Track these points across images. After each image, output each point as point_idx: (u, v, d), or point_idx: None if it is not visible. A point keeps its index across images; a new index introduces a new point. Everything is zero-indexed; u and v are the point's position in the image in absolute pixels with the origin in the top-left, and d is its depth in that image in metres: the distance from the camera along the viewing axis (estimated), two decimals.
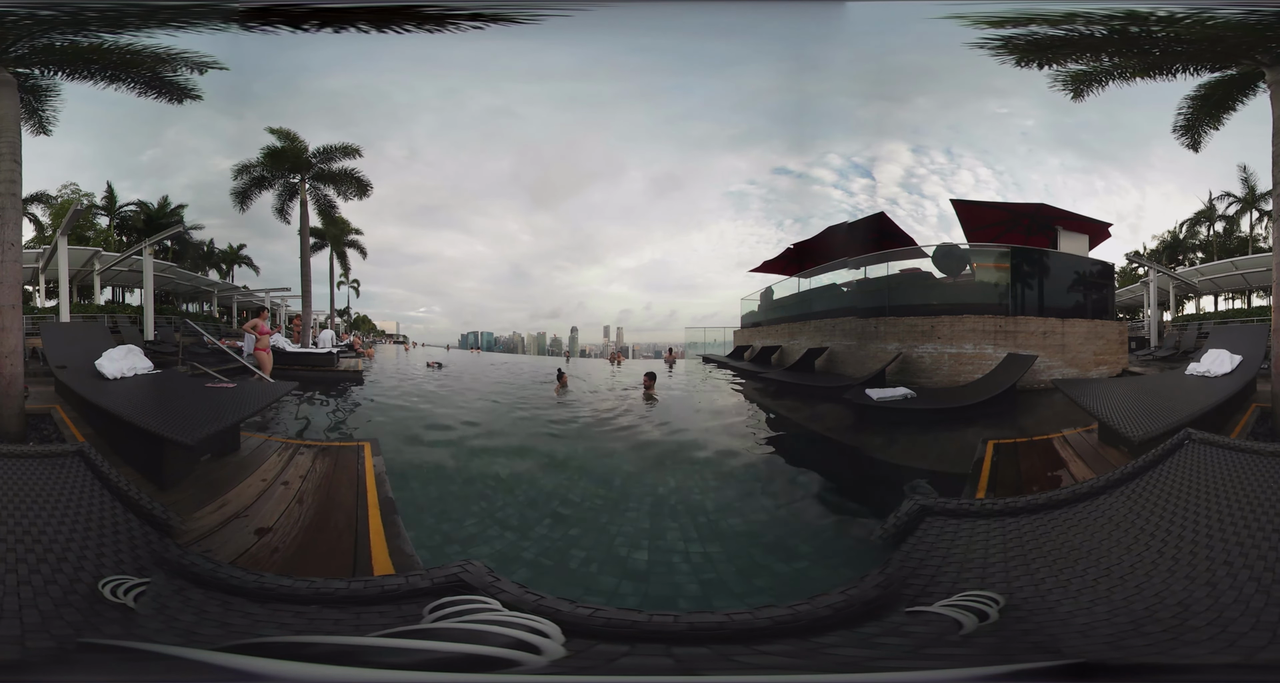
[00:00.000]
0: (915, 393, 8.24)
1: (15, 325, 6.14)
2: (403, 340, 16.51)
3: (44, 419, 6.31)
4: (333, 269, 13.37)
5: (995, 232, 9.63)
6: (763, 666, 2.63)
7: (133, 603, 3.09)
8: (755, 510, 5.74)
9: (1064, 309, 9.05)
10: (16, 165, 6.23)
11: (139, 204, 10.53)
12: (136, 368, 7.38)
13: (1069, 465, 5.86)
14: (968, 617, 2.95)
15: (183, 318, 11.31)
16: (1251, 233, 10.48)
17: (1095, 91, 6.97)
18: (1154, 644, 2.65)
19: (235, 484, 5.26)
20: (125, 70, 6.69)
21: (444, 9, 5.89)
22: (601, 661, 2.54)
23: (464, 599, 2.94)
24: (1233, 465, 4.54)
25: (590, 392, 11.70)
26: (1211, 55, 6.40)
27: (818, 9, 7.06)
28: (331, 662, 1.86)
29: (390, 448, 6.71)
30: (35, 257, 9.23)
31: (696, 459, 7.24)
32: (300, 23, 5.82)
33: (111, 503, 4.22)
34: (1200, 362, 7.32)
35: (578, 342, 17.57)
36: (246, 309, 12.44)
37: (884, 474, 6.53)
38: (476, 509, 5.57)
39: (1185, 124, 7.50)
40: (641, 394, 10.85)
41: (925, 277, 9.68)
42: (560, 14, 6.03)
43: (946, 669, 2.50)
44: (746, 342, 14.12)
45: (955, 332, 8.90)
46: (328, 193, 10.85)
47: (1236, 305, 10.71)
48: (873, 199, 9.39)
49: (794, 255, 11.85)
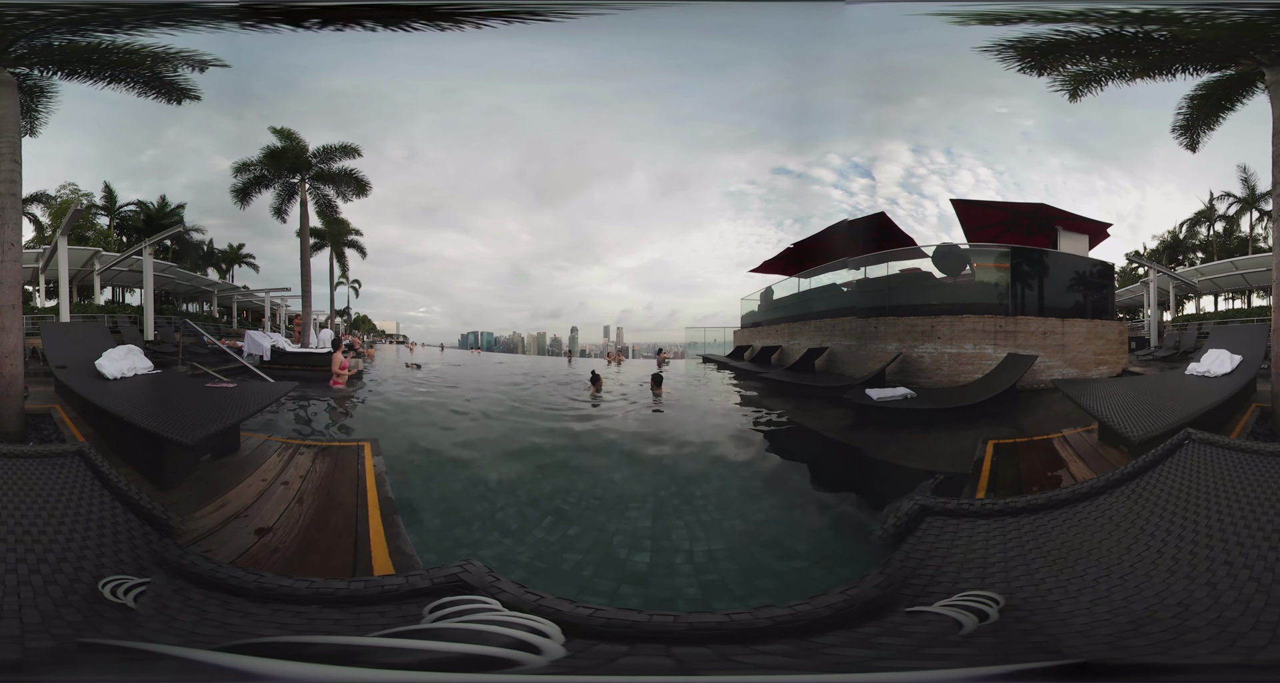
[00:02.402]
0: (915, 393, 8.23)
1: (15, 325, 6.14)
2: (403, 340, 16.51)
3: (44, 419, 6.31)
4: (333, 269, 13.37)
5: (995, 232, 9.63)
6: (763, 666, 2.63)
7: (133, 603, 3.09)
8: (755, 511, 5.74)
9: (1064, 309, 9.05)
10: (16, 165, 6.23)
11: (139, 204, 10.53)
12: (136, 368, 7.38)
13: (1069, 465, 5.86)
14: (968, 617, 2.95)
15: (183, 318, 11.31)
16: (1251, 233, 10.49)
17: (1095, 92, 6.97)
18: (1154, 644, 2.65)
19: (235, 484, 5.26)
20: (124, 70, 6.69)
21: (446, 7, 5.89)
22: (601, 661, 2.54)
23: (464, 599, 2.94)
24: (1233, 465, 4.54)
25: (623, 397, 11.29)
26: (1211, 55, 6.40)
27: (818, 9, 7.06)
28: (331, 662, 1.87)
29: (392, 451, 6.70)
30: (35, 257, 9.23)
31: (697, 459, 7.24)
32: (301, 20, 5.81)
33: (111, 503, 4.22)
34: (1200, 362, 7.32)
35: (578, 342, 17.58)
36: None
37: (884, 474, 6.52)
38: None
39: (1185, 124, 7.50)
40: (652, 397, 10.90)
41: (925, 277, 9.68)
42: (560, 14, 6.03)
43: (946, 669, 2.50)
44: (746, 342, 14.12)
45: (955, 332, 8.90)
46: (327, 193, 10.85)
47: (1236, 305, 10.71)
48: (873, 199, 9.39)
49: (794, 255, 11.85)
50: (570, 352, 17.47)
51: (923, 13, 6.29)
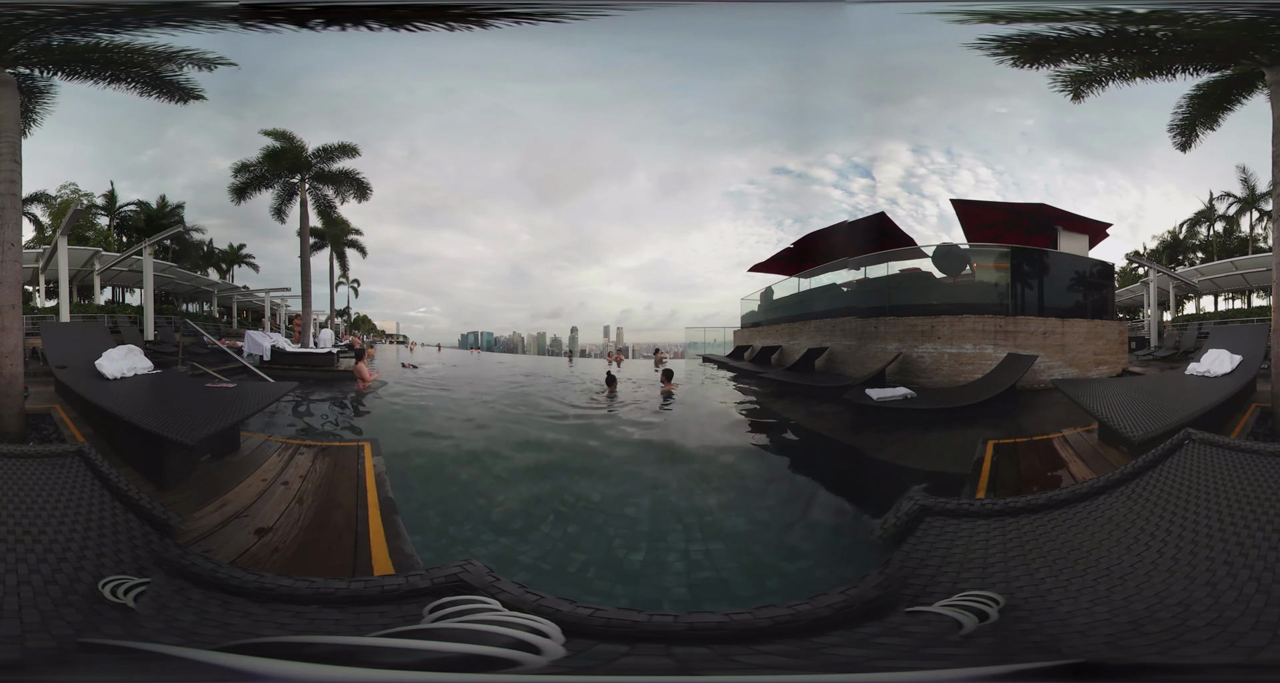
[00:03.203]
0: (915, 393, 8.23)
1: (15, 325, 6.14)
2: (403, 340, 16.50)
3: (44, 419, 6.31)
4: (332, 269, 13.38)
5: (995, 232, 9.63)
6: (763, 666, 2.63)
7: (133, 603, 3.08)
8: (755, 511, 5.74)
9: (1064, 309, 9.04)
10: (16, 165, 6.23)
11: (139, 204, 10.53)
12: (136, 368, 7.38)
13: (1069, 465, 5.86)
14: (968, 617, 2.95)
15: (183, 318, 11.31)
16: (1251, 233, 10.48)
17: (1095, 91, 6.97)
18: (1154, 644, 2.65)
19: (235, 484, 5.26)
20: (125, 70, 6.69)
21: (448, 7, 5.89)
22: (601, 661, 2.54)
23: (464, 599, 2.94)
24: (1233, 465, 4.54)
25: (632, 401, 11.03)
26: (1211, 55, 6.40)
27: (818, 9, 7.06)
28: (331, 662, 1.87)
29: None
30: (35, 257, 9.22)
31: (697, 460, 7.24)
32: (305, 20, 5.81)
33: (111, 503, 4.22)
34: (1200, 362, 7.32)
35: (578, 342, 17.57)
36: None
37: (884, 474, 6.52)
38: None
39: (1184, 124, 7.49)
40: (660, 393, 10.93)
41: (925, 277, 9.68)
42: (561, 14, 6.03)
43: (946, 669, 2.50)
44: (746, 342, 14.12)
45: (955, 332, 8.90)
46: (327, 193, 10.86)
47: (1236, 305, 10.71)
48: (873, 199, 9.38)
49: (794, 255, 11.85)
50: (570, 352, 17.46)
51: (923, 13, 6.29)
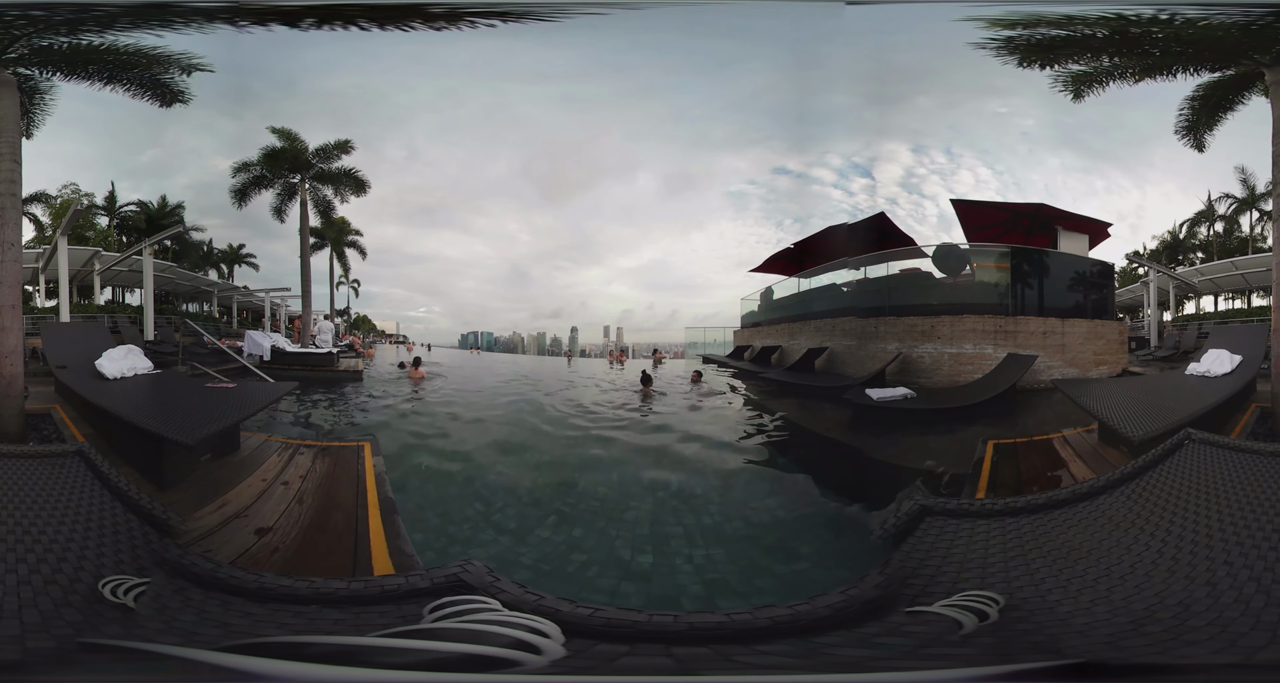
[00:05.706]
0: (915, 393, 8.23)
1: (15, 325, 6.14)
2: (403, 340, 16.51)
3: (44, 419, 6.31)
4: (332, 269, 13.40)
5: (995, 232, 9.63)
6: (763, 666, 2.63)
7: (133, 603, 3.08)
8: (756, 511, 5.74)
9: (1064, 309, 9.05)
10: (16, 165, 6.23)
11: (139, 204, 10.54)
12: (136, 368, 7.38)
13: (1069, 465, 5.86)
14: (968, 617, 2.95)
15: (183, 318, 11.32)
16: (1251, 233, 10.49)
17: (1095, 92, 6.97)
18: (1154, 644, 2.65)
19: (235, 484, 5.25)
20: (122, 71, 6.69)
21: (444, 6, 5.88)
22: (601, 661, 2.54)
23: (464, 599, 2.94)
24: (1233, 465, 4.54)
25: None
26: (1211, 56, 6.40)
27: (818, 9, 7.06)
28: (331, 662, 1.86)
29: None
30: (35, 257, 9.23)
31: (698, 459, 7.23)
32: (295, 20, 5.79)
33: (111, 503, 4.21)
34: (1200, 362, 7.32)
35: (578, 342, 17.58)
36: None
37: (884, 474, 6.52)
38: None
39: (1185, 125, 7.50)
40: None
41: (925, 277, 9.68)
42: (559, 14, 6.03)
43: (946, 669, 2.50)
44: (746, 342, 14.13)
45: (955, 332, 8.90)
46: (326, 193, 10.86)
47: (1236, 305, 10.72)
48: (873, 199, 9.40)
49: (794, 255, 11.87)
50: (570, 352, 17.47)
51: (923, 13, 6.29)
